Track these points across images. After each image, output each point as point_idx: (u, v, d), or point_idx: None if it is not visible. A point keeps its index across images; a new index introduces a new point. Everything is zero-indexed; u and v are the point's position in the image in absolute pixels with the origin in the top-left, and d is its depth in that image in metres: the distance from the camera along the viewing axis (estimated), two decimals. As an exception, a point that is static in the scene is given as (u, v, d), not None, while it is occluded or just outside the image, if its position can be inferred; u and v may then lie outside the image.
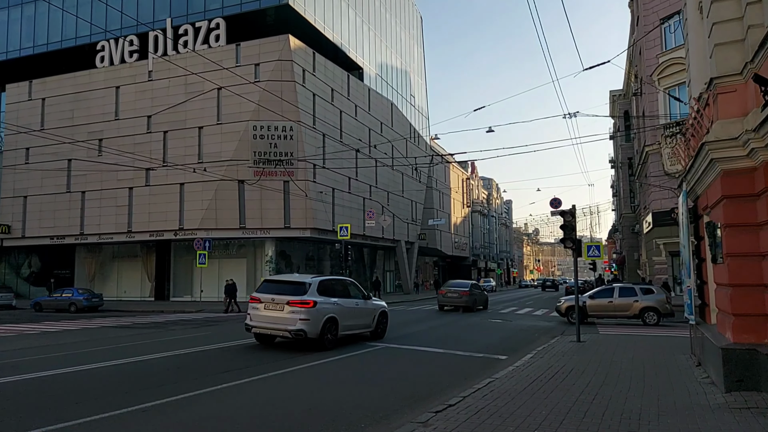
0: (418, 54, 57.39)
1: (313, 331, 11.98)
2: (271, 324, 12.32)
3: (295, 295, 12.17)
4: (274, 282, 13.40)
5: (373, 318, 14.56)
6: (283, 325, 12.09)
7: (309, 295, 12.25)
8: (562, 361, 10.82)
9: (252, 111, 31.96)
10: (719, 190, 7.52)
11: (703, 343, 9.54)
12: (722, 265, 7.64)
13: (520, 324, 19.86)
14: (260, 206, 32.41)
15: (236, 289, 26.86)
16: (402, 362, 10.94)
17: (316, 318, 12.09)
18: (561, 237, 14.37)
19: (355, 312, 13.69)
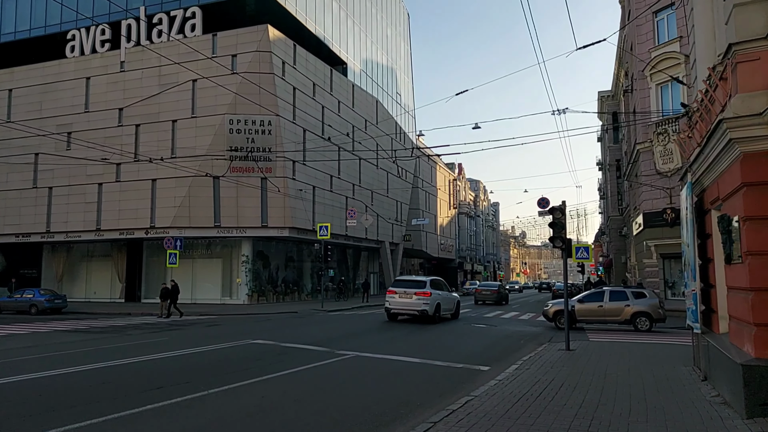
0: (405, 51, 56.26)
1: (430, 311, 19.41)
2: (404, 307, 19.75)
3: (419, 288, 19.77)
4: (403, 281, 21.45)
5: (454, 305, 22.47)
6: (412, 308, 19.49)
7: (427, 289, 19.82)
8: (550, 373, 9.62)
9: (228, 104, 30.56)
10: (738, 176, 6.35)
11: (709, 355, 8.40)
12: (740, 265, 6.48)
13: (506, 329, 18.69)
14: (236, 204, 30.98)
15: (179, 292, 24.42)
16: (371, 376, 9.66)
17: (432, 303, 19.56)
18: (549, 236, 13.21)
19: (447, 300, 21.38)
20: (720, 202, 7.63)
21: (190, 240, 32.43)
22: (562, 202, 13.27)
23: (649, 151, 24.29)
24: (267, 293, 34.14)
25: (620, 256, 43.36)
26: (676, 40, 23.06)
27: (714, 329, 8.69)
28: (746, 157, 6.25)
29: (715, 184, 7.81)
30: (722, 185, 7.28)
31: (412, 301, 19.50)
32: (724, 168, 6.99)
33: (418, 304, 19.34)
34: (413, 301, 19.48)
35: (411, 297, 19.55)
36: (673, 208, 22.93)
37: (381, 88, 47.77)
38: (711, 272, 8.69)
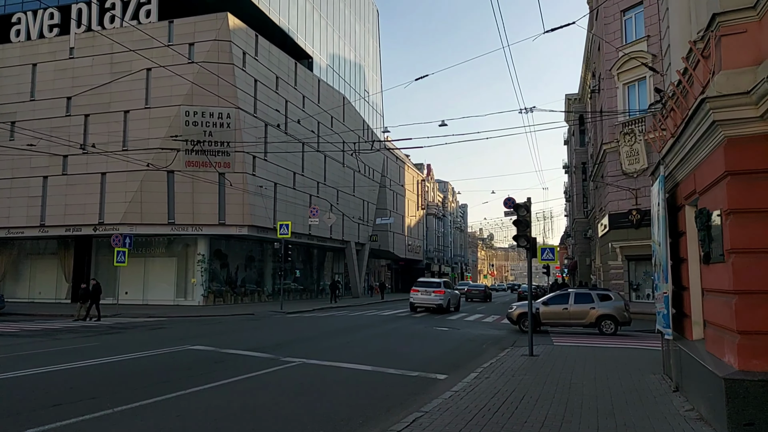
0: (374, 49, 55.36)
1: (444, 304, 25.89)
2: (425, 302, 26.12)
3: (436, 288, 26.36)
4: (423, 282, 28.49)
5: (457, 300, 29.88)
6: (431, 302, 25.89)
7: (441, 288, 26.49)
8: (511, 383, 8.80)
9: (185, 95, 29.05)
10: (720, 164, 5.62)
11: (681, 364, 7.71)
12: (721, 265, 5.76)
13: (468, 333, 17.92)
14: (192, 200, 29.46)
15: (100, 292, 22.34)
16: (313, 387, 8.66)
17: (445, 298, 26.11)
18: (514, 235, 12.46)
19: (453, 296, 28.58)
20: (696, 196, 6.93)
21: (141, 237, 30.77)
22: (527, 199, 12.56)
23: (615, 152, 23.99)
24: (225, 294, 32.68)
25: (585, 258, 43.48)
26: (644, 39, 22.81)
27: (686, 335, 8.02)
28: (730, 142, 5.52)
29: (691, 176, 7.11)
30: (700, 177, 6.57)
31: (431, 297, 26.29)
32: (703, 157, 6.27)
33: (436, 299, 26.19)
34: (432, 297, 26.28)
35: (430, 294, 26.42)
36: (639, 209, 22.66)
37: (348, 85, 46.71)
38: (684, 273, 8.02)
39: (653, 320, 21.21)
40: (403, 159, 65.89)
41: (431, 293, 26.33)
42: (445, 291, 26.59)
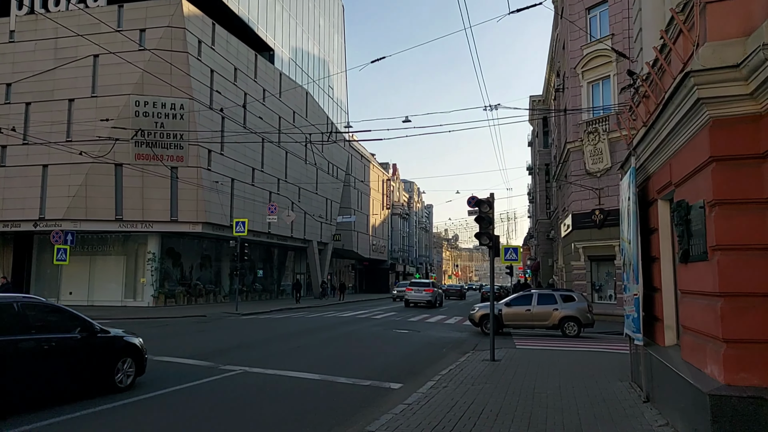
0: (339, 44, 54.30)
1: (432, 300, 32.24)
2: (418, 299, 32.23)
3: (426, 287, 33.27)
4: (415, 282, 35.83)
5: (442, 297, 36.87)
6: (423, 299, 32.09)
7: (430, 287, 33.56)
8: (471, 393, 8.03)
9: (135, 83, 27.44)
10: (705, 149, 4.95)
11: (652, 372, 7.08)
12: (704, 264, 5.09)
13: (429, 335, 17.18)
14: (141, 195, 27.84)
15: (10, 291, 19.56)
16: (250, 401, 7.69)
17: (434, 296, 32.65)
18: (476, 232, 11.75)
19: (438, 294, 34.65)
20: (672, 189, 6.29)
21: (87, 234, 29.00)
22: (489, 195, 11.86)
23: (579, 151, 23.73)
24: (178, 295, 31.11)
25: (547, 259, 43.58)
26: (609, 37, 22.59)
27: (657, 341, 7.40)
28: (716, 124, 4.85)
29: (666, 166, 6.47)
30: (678, 166, 5.92)
31: (422, 295, 33.02)
32: (683, 142, 5.61)
33: (426, 296, 32.87)
34: (423, 294, 33.02)
35: (422, 292, 33.23)
36: (602, 209, 22.42)
37: (312, 80, 45.52)
38: (655, 274, 7.41)
39: (616, 321, 21.00)
40: (369, 158, 65.03)
41: (422, 291, 33.51)
42: (433, 290, 33.88)
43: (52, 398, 7.05)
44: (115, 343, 8.15)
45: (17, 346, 6.56)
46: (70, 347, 7.34)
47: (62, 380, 7.19)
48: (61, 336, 7.28)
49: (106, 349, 7.91)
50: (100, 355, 7.75)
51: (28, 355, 6.66)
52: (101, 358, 7.75)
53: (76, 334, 7.47)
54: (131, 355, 8.26)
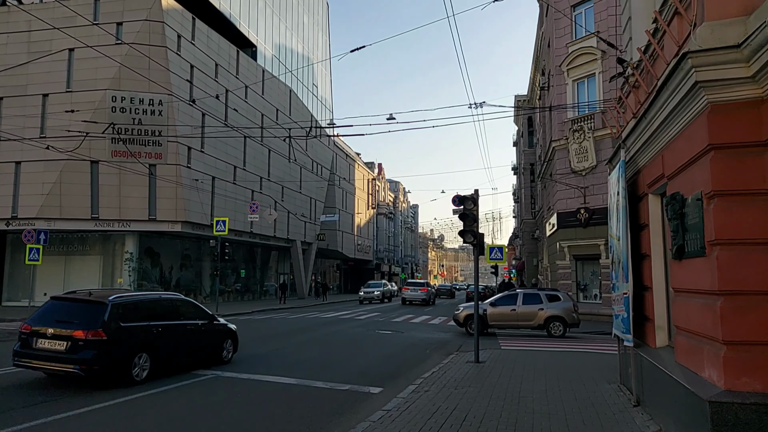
0: (323, 42, 53.73)
1: (427, 299, 35.65)
2: (414, 297, 35.18)
3: (422, 287, 37.03)
4: (412, 282, 40.82)
5: (435, 296, 41.21)
6: (419, 297, 35.05)
7: (425, 287, 37.52)
8: (454, 397, 7.65)
9: (111, 78, 26.67)
10: (703, 137, 4.62)
11: (642, 375, 6.76)
12: (701, 260, 4.75)
13: (413, 336, 16.80)
14: (119, 193, 27.06)
15: None
16: (220, 407, 7.22)
17: (428, 295, 36.32)
18: (460, 230, 11.38)
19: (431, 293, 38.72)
20: (665, 181, 5.97)
21: (62, 234, 28.13)
22: (474, 191, 11.50)
23: (564, 149, 23.54)
24: (156, 295, 30.32)
25: (532, 259, 43.52)
26: (594, 35, 22.40)
27: (648, 342, 7.08)
28: (715, 109, 4.52)
29: (659, 158, 6.14)
30: (671, 157, 5.59)
31: (417, 294, 36.12)
32: (678, 131, 5.27)
33: (421, 295, 35.90)
34: (418, 293, 36.11)
35: (417, 291, 36.53)
36: (587, 208, 22.25)
37: (296, 78, 44.90)
38: (645, 271, 7.09)
39: (601, 321, 20.81)
40: (354, 157, 64.57)
41: (418, 290, 36.92)
42: (427, 289, 37.91)
43: (188, 366, 9.67)
44: (223, 328, 10.80)
45: (163, 330, 9.09)
46: (200, 330, 10.05)
47: (195, 352, 9.93)
48: (195, 322, 10.01)
49: (218, 332, 10.64)
50: (214, 337, 10.47)
51: (179, 334, 9.53)
52: (215, 339, 10.50)
53: (203, 321, 10.23)
54: (231, 337, 10.99)
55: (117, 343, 8.10)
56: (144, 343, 8.66)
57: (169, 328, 9.23)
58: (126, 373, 8.23)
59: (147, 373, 8.59)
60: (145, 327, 8.77)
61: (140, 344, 8.57)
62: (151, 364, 8.66)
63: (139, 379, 8.41)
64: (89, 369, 7.71)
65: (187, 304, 10.38)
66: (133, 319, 8.61)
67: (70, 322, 8.04)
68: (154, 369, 8.69)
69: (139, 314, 8.82)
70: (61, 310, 8.41)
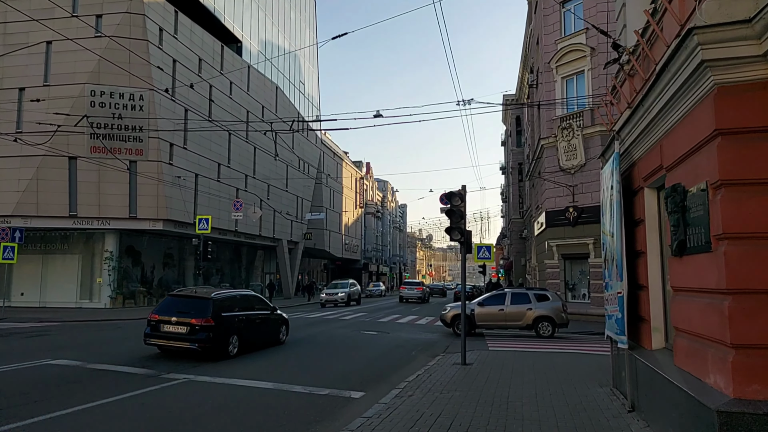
0: (311, 39, 53.12)
1: (423, 297, 40.16)
2: (411, 296, 39.71)
3: (418, 286, 41.82)
4: (409, 282, 45.82)
5: (429, 294, 45.56)
6: (415, 296, 39.60)
7: (421, 286, 42.16)
8: (439, 402, 7.23)
9: (90, 72, 25.96)
10: (708, 122, 4.24)
11: (638, 379, 6.39)
12: (705, 256, 4.38)
13: (398, 337, 16.38)
14: (98, 190, 26.35)
15: None
16: (185, 415, 6.73)
17: (423, 293, 40.92)
18: (446, 227, 10.98)
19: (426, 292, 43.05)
20: (663, 173, 5.60)
21: (39, 232, 27.34)
22: (461, 187, 11.10)
23: (553, 147, 23.27)
24: (138, 296, 29.65)
25: (520, 259, 43.34)
26: (583, 31, 22.18)
27: (643, 344, 6.72)
28: (722, 92, 4.14)
29: (656, 149, 5.77)
30: (672, 146, 5.21)
31: (414, 292, 40.23)
32: (679, 117, 4.90)
33: (417, 294, 40.07)
34: (415, 292, 40.25)
35: (413, 290, 40.68)
36: (576, 207, 22.00)
37: (282, 75, 44.30)
38: (641, 269, 6.73)
39: (590, 321, 20.54)
40: (341, 156, 64.04)
41: (414, 289, 41.16)
42: (423, 288, 42.06)
43: (259, 345, 12.78)
44: (279, 317, 13.96)
45: (244, 319, 12.04)
46: (266, 318, 13.18)
47: (263, 335, 13.07)
48: (263, 312, 13.11)
49: (277, 320, 13.79)
50: (275, 324, 13.64)
51: (249, 323, 12.25)
52: (275, 325, 13.69)
53: (268, 311, 13.36)
54: (285, 324, 14.28)
55: (220, 328, 11.01)
56: (234, 327, 11.61)
57: (248, 317, 12.29)
58: (224, 350, 11.18)
59: (236, 350, 11.52)
60: (234, 316, 11.74)
61: (232, 329, 11.53)
62: (239, 343, 11.65)
63: (232, 354, 11.31)
64: (203, 346, 10.66)
65: (257, 298, 13.49)
66: (227, 310, 11.54)
67: (188, 312, 10.93)
68: (240, 347, 11.63)
69: (230, 306, 11.77)
70: (179, 303, 11.33)
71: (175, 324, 10.82)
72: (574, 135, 21.99)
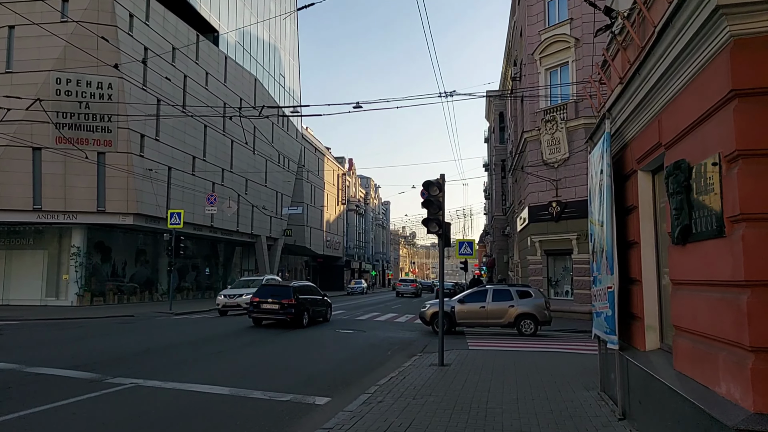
0: (291, 31, 52.05)
1: (416, 292, 48.45)
2: (405, 290, 48.13)
3: (412, 283, 51.08)
4: (404, 279, 56.83)
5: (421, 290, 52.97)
6: (410, 291, 47.71)
7: (416, 283, 52.25)
8: (410, 410, 6.51)
9: (56, 59, 24.73)
10: (723, 82, 3.56)
11: (629, 383, 5.75)
12: (717, 242, 3.71)
13: (375, 336, 15.65)
14: (64, 183, 25.15)
15: None
16: (116, 429, 5.91)
17: (417, 289, 49.60)
18: (423, 218, 10.26)
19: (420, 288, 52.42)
20: (662, 151, 4.94)
21: (2, 226, 26.03)
22: (440, 176, 10.38)
23: (536, 140, 22.72)
24: (107, 293, 28.49)
25: (503, 256, 42.96)
26: (567, 21, 21.65)
27: (635, 344, 6.07)
28: (740, 45, 3.46)
29: (654, 124, 5.11)
30: (673, 118, 4.55)
31: (409, 288, 47.33)
32: (682, 85, 4.23)
33: (412, 289, 47.36)
34: (410, 288, 47.53)
35: (408, 286, 48.17)
36: (559, 201, 21.48)
37: (261, 67, 43.21)
38: (634, 261, 6.08)
39: (573, 319, 20.02)
40: (323, 151, 63.05)
41: (409, 286, 48.76)
42: (416, 284, 49.50)
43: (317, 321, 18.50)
44: (327, 301, 19.73)
45: (308, 299, 17.68)
46: (320, 301, 18.85)
47: (319, 314, 18.58)
48: (318, 297, 18.83)
49: (325, 303, 19.45)
50: (324, 305, 19.24)
51: (312, 304, 17.93)
52: (325, 307, 19.33)
53: (320, 297, 19.00)
54: (329, 306, 20.00)
55: (298, 306, 16.73)
56: (305, 306, 17.37)
57: (311, 299, 18.13)
58: (300, 322, 16.91)
59: (307, 322, 17.25)
60: (305, 298, 17.61)
61: (304, 307, 17.26)
62: (308, 318, 17.40)
63: (304, 325, 16.99)
64: (291, 317, 16.39)
65: (316, 288, 19.72)
66: (300, 294, 17.38)
67: (278, 295, 16.80)
68: (308, 320, 17.37)
69: (302, 292, 17.72)
70: (271, 290, 17.34)
71: (271, 303, 16.53)
72: (558, 128, 21.45)
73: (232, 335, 14.82)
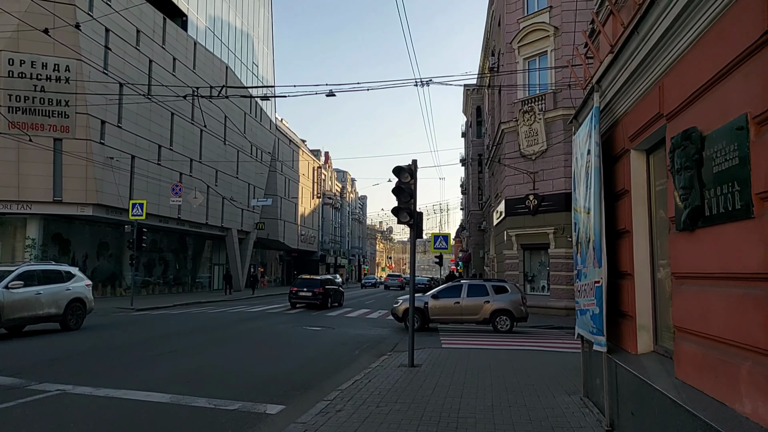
0: (265, 19, 50.61)
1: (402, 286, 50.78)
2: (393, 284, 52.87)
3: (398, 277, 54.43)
4: (392, 275, 59.89)
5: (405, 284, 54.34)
6: (397, 285, 51.89)
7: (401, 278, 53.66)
8: (372, 420, 5.73)
9: (8, 38, 23.19)
10: (751, 25, 2.84)
11: (619, 391, 5.06)
12: (744, 224, 3.00)
13: (344, 333, 14.85)
14: (17, 170, 23.69)
15: None
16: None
17: (402, 283, 51.46)
18: (393, 207, 9.48)
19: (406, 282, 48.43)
20: (662, 123, 4.23)
21: (-52, 216, 24.43)
22: (412, 161, 9.61)
23: (513, 132, 22.14)
24: (66, 287, 26.98)
25: (479, 251, 42.59)
26: (546, 10, 21.07)
27: (625, 346, 5.40)
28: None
29: (653, 93, 4.40)
30: (678, 81, 3.83)
31: (396, 282, 52.10)
32: (692, 38, 3.51)
33: (398, 283, 51.08)
34: (396, 282, 51.95)
35: (395, 281, 52.57)
36: (537, 194, 20.95)
37: (233, 54, 41.79)
38: (624, 253, 5.40)
39: (549, 315, 19.50)
40: (298, 143, 61.82)
41: (396, 280, 53.02)
42: (402, 279, 52.22)
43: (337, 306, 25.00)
44: (342, 289, 27.33)
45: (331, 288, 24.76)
46: (337, 289, 25.89)
47: (337, 301, 25.54)
48: (335, 286, 25.84)
49: (341, 291, 26.66)
50: (339, 294, 26.00)
51: (333, 291, 25.00)
52: (340, 295, 26.19)
53: (337, 286, 26.33)
54: (343, 294, 27.04)
55: (325, 294, 23.27)
56: (330, 294, 23.84)
57: (332, 289, 24.51)
58: (326, 305, 23.29)
59: (330, 305, 23.49)
60: (330, 288, 24.07)
61: (329, 295, 23.75)
62: (330, 303, 23.75)
63: (329, 307, 23.16)
64: (320, 302, 22.92)
65: (334, 280, 27.28)
66: (326, 285, 23.81)
67: (311, 285, 23.41)
68: (331, 305, 23.69)
69: (327, 283, 24.30)
70: (305, 282, 23.98)
71: (306, 291, 23.03)
72: (536, 119, 20.90)
73: (194, 332, 13.84)
